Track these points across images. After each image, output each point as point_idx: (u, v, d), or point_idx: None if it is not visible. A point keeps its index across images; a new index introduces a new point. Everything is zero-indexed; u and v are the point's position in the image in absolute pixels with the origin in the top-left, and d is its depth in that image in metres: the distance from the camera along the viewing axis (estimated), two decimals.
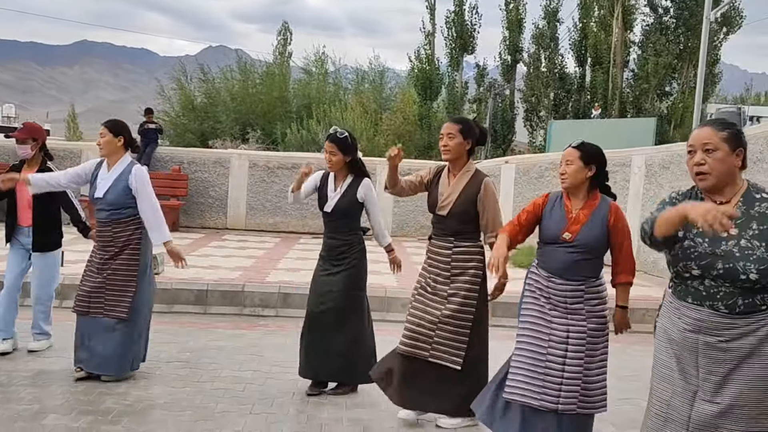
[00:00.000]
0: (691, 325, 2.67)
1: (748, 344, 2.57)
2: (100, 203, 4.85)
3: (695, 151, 2.68)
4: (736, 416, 2.59)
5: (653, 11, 30.68)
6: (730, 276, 2.57)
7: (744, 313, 2.58)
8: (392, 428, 4.19)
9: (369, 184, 4.79)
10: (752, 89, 49.69)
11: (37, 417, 4.04)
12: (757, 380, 2.57)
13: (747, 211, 2.63)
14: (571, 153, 3.67)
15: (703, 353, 2.65)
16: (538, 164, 11.87)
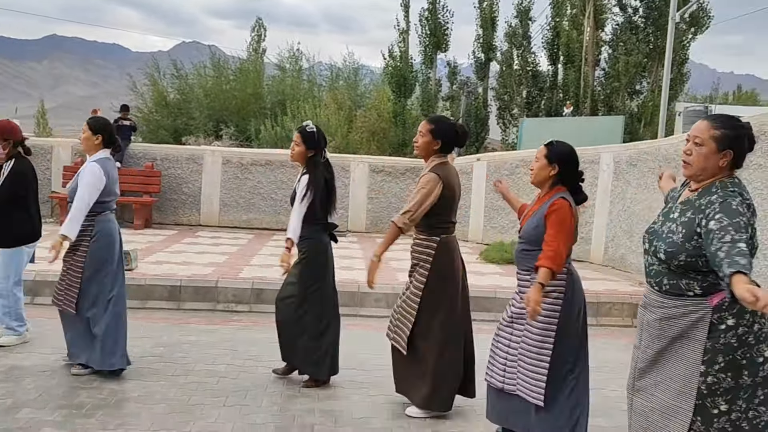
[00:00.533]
0: (642, 301, 3.00)
1: (678, 327, 2.80)
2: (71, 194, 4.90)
3: (689, 140, 2.84)
4: (668, 388, 2.82)
5: (623, 11, 31.03)
6: (655, 253, 2.86)
7: (670, 294, 2.82)
8: (363, 419, 4.28)
9: (303, 180, 4.81)
10: (720, 88, 50.53)
11: (11, 411, 4.07)
12: (684, 361, 2.78)
13: (695, 201, 2.81)
14: (540, 151, 3.85)
15: (645, 329, 2.94)
16: (509, 161, 12.03)
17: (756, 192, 6.14)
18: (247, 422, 4.12)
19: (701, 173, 2.82)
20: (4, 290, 5.45)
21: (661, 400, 2.84)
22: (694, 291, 2.76)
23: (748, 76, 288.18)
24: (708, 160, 2.78)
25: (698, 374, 2.73)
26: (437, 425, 4.23)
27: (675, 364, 2.81)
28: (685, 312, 2.78)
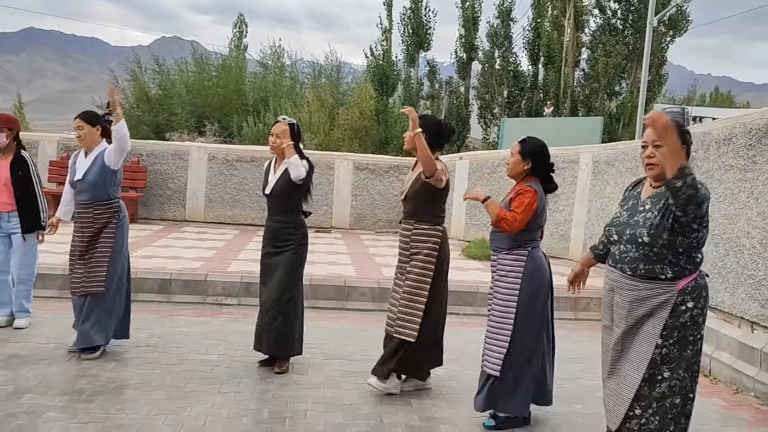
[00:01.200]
0: (609, 285, 3.32)
1: (646, 307, 3.15)
2: (81, 185, 5.12)
3: (648, 146, 3.19)
4: (629, 361, 3.21)
5: (602, 13, 31.50)
6: (633, 241, 3.16)
7: (644, 277, 3.15)
8: (352, 405, 4.48)
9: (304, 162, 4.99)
10: (697, 90, 51.36)
11: (13, 397, 4.22)
12: (647, 337, 3.15)
13: (664, 192, 3.15)
14: (514, 147, 4.26)
15: (615, 310, 3.27)
16: (490, 160, 12.28)
17: (727, 191, 6.40)
18: (242, 408, 4.29)
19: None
20: (28, 274, 5.76)
21: (623, 374, 3.23)
22: (666, 275, 3.11)
23: (726, 78, 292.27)
24: None
25: (654, 347, 3.12)
26: (424, 409, 4.43)
27: (638, 339, 3.17)
28: (655, 294, 3.13)
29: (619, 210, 3.39)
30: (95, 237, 5.13)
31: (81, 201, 5.16)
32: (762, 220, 5.88)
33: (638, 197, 3.31)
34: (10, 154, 5.69)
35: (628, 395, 3.18)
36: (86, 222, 5.14)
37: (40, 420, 3.88)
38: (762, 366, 5.40)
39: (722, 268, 6.34)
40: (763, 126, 5.97)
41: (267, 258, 5.15)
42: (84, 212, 5.15)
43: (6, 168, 5.66)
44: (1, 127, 5.60)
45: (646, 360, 3.13)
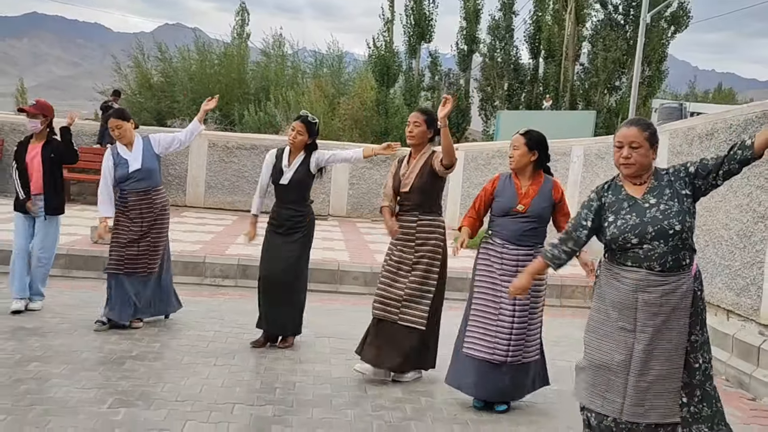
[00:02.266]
0: (631, 285, 3.27)
1: (674, 299, 3.24)
2: (139, 174, 5.56)
3: (623, 147, 3.31)
4: (661, 358, 3.27)
5: (603, 7, 31.65)
6: (662, 235, 3.20)
7: (671, 270, 3.24)
8: (340, 378, 4.75)
9: (316, 152, 5.34)
10: (698, 86, 51.44)
11: (21, 364, 4.49)
12: (677, 329, 3.26)
13: (659, 183, 3.31)
14: (518, 139, 4.38)
15: (641, 309, 3.26)
16: (485, 151, 12.52)
17: None
18: (236, 379, 4.56)
19: (642, 170, 3.32)
20: (49, 257, 6.03)
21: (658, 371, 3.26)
22: (686, 261, 3.26)
23: (729, 74, 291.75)
24: (646, 158, 3.30)
25: (687, 336, 3.26)
26: (406, 384, 4.70)
27: (670, 333, 3.26)
28: (680, 284, 3.24)
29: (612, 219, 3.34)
30: (155, 222, 5.63)
31: (138, 189, 5.58)
32: (739, 212, 6.12)
33: (631, 198, 3.34)
34: (43, 138, 5.98)
35: (674, 388, 3.26)
36: (145, 208, 5.60)
37: (46, 385, 4.16)
38: (733, 351, 5.67)
39: (702, 258, 6.59)
40: (743, 122, 6.20)
41: (274, 238, 5.39)
42: (142, 200, 5.60)
43: (38, 152, 5.93)
44: (37, 113, 5.90)
45: (683, 351, 3.25)
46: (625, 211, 3.31)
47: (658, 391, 3.28)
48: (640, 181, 3.35)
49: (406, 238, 4.76)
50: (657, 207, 3.25)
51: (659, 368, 3.26)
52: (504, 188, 4.41)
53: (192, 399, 4.12)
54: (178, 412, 3.90)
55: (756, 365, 5.32)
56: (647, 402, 3.28)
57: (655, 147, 3.33)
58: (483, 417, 4.24)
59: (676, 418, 3.29)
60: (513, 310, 4.24)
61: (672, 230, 3.19)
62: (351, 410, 4.15)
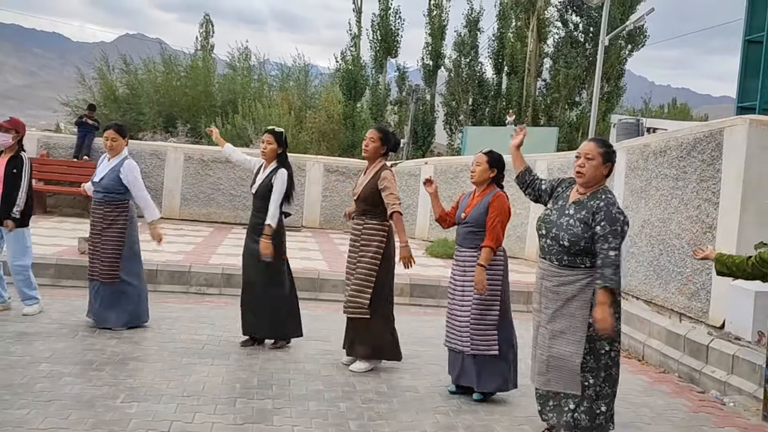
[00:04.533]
0: (539, 273, 4.00)
1: (571, 290, 3.84)
2: (96, 186, 5.91)
3: (580, 157, 3.91)
4: (561, 339, 3.87)
5: (564, 26, 32.63)
6: (556, 240, 3.85)
7: (567, 266, 3.84)
8: (329, 376, 5.15)
9: (282, 173, 5.71)
10: (653, 101, 53.00)
11: (32, 365, 4.80)
12: (573, 317, 3.84)
13: (587, 202, 3.84)
14: (481, 157, 4.99)
15: (544, 294, 3.95)
16: (453, 166, 13.06)
17: (662, 198, 7.21)
18: (234, 377, 4.93)
19: (591, 181, 3.89)
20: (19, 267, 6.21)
21: (558, 350, 3.86)
22: (585, 264, 3.84)
23: (684, 90, 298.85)
24: (597, 171, 3.88)
25: (587, 325, 3.79)
26: (391, 380, 5.13)
27: (569, 319, 3.84)
28: (577, 279, 3.83)
29: (550, 206, 4.05)
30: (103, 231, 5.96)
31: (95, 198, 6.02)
32: (690, 223, 6.69)
33: (566, 199, 3.97)
34: (11, 153, 6.25)
35: (575, 366, 3.80)
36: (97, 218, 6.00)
37: (60, 383, 4.48)
38: (685, 350, 6.21)
39: (657, 266, 7.15)
40: (692, 141, 6.79)
41: (248, 244, 5.83)
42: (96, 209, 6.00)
43: (2, 165, 6.18)
44: (10, 128, 6.18)
45: (583, 336, 3.78)
46: (557, 206, 3.97)
47: (558, 365, 3.87)
48: (582, 190, 3.92)
49: (354, 240, 5.39)
50: (569, 219, 3.85)
51: (558, 347, 3.85)
52: (463, 200, 5.06)
53: (197, 394, 4.48)
54: (186, 405, 4.26)
55: (705, 362, 5.87)
56: (550, 373, 3.92)
57: (609, 165, 3.89)
58: (462, 407, 4.68)
59: (577, 391, 3.85)
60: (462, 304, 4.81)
61: (562, 242, 3.82)
62: (343, 403, 4.56)
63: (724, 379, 5.51)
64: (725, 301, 6.03)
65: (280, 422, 4.11)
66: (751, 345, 5.57)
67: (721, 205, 6.30)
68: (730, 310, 5.96)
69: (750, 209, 6.04)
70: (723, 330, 6.02)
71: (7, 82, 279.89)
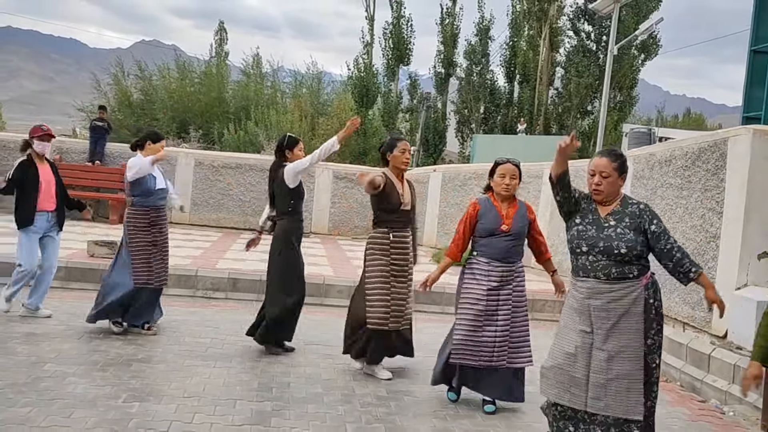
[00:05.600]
0: (584, 293, 3.81)
1: (622, 306, 3.73)
2: (163, 192, 6.14)
3: (595, 175, 3.86)
4: (620, 358, 3.74)
5: (576, 34, 32.63)
6: (607, 251, 3.73)
7: (617, 279, 3.73)
8: (329, 380, 5.20)
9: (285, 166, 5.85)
10: (668, 110, 52.76)
11: (37, 365, 4.88)
12: (631, 332, 3.74)
13: (623, 210, 3.86)
14: (514, 170, 4.94)
15: (594, 314, 3.78)
16: (462, 173, 13.09)
17: (667, 207, 7.22)
18: (235, 379, 4.99)
19: (610, 196, 3.87)
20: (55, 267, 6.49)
21: (618, 371, 3.73)
22: (633, 274, 3.75)
23: (700, 100, 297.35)
24: (614, 186, 3.86)
25: (643, 339, 3.74)
26: (390, 384, 5.17)
27: (624, 335, 3.73)
28: (627, 293, 3.73)
29: (579, 221, 3.87)
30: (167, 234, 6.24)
31: (160, 205, 6.17)
32: (694, 232, 6.70)
33: (597, 213, 3.86)
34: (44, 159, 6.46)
35: (638, 386, 3.72)
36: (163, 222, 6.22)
37: (64, 383, 4.56)
38: (687, 359, 6.21)
39: (661, 275, 7.11)
40: (697, 150, 6.80)
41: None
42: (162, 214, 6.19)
43: (50, 172, 6.38)
44: (52, 137, 6.51)
45: (641, 352, 3.72)
46: (588, 221, 3.85)
47: (619, 389, 3.72)
48: (608, 205, 3.88)
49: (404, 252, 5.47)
50: (614, 229, 3.77)
51: (618, 368, 3.72)
52: (486, 212, 4.90)
53: (197, 395, 4.54)
54: (186, 406, 4.32)
55: (707, 371, 5.86)
56: (608, 397, 3.73)
57: (624, 175, 3.90)
58: (460, 412, 4.72)
59: (639, 416, 3.74)
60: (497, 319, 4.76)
61: (617, 251, 3.72)
62: (342, 406, 4.60)
63: (725, 389, 5.51)
64: (728, 311, 6.01)
65: (278, 424, 4.16)
66: None
67: (725, 215, 6.30)
68: (733, 320, 5.95)
69: (754, 219, 6.04)
70: (726, 340, 6.02)
71: (25, 87, 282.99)
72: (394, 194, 5.31)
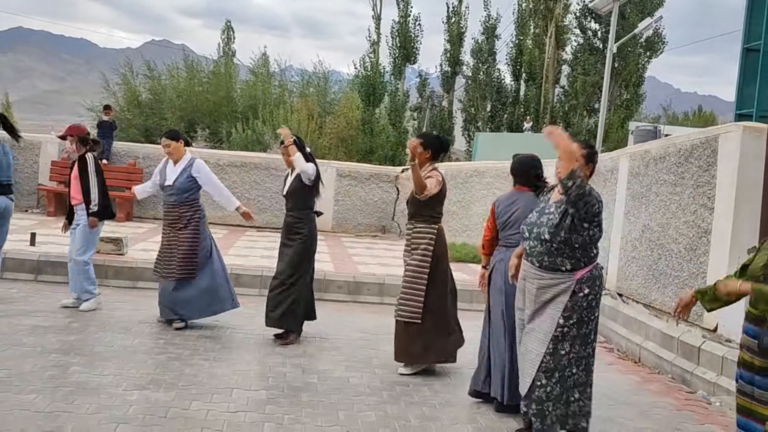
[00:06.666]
0: (522, 274, 4.10)
1: (550, 293, 3.92)
2: (170, 190, 6.27)
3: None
4: (530, 337, 3.99)
5: (582, 32, 32.71)
6: (538, 237, 3.91)
7: (547, 269, 3.91)
8: (326, 370, 5.36)
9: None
10: (678, 108, 52.57)
11: (42, 355, 5.07)
12: (547, 316, 3.93)
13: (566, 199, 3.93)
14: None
15: (526, 295, 4.04)
16: (463, 171, 13.22)
17: (661, 203, 7.33)
18: (233, 370, 5.16)
19: None
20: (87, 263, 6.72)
21: (528, 347, 3.99)
22: (565, 267, 3.90)
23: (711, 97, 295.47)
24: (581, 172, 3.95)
25: (556, 326, 3.89)
26: (384, 375, 5.32)
27: (543, 319, 3.94)
28: (557, 283, 3.90)
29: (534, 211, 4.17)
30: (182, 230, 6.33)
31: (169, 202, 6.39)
32: (687, 228, 6.81)
33: (548, 201, 4.09)
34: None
35: (532, 367, 3.92)
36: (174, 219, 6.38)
37: (68, 372, 4.74)
38: (678, 351, 6.33)
39: (655, 270, 7.27)
40: (690, 147, 6.91)
41: (281, 248, 6.21)
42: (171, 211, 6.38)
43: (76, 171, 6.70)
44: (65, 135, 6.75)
45: (549, 336, 3.88)
46: (538, 209, 4.07)
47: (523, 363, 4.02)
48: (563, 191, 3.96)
49: (406, 244, 5.57)
50: (549, 215, 3.93)
51: (527, 344, 3.98)
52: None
53: (195, 384, 4.71)
54: (184, 394, 4.49)
55: (696, 364, 5.98)
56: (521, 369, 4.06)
57: (590, 166, 4.04)
58: (450, 401, 4.86)
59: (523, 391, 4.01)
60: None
61: (543, 237, 3.88)
62: (335, 395, 4.76)
63: (714, 380, 5.62)
64: None
65: (272, 411, 4.33)
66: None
67: (715, 211, 6.41)
68: (723, 313, 6.04)
69: (743, 214, 6.14)
70: (716, 333, 6.13)
71: (36, 87, 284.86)
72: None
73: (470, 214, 12.61)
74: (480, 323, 4.98)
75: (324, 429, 4.11)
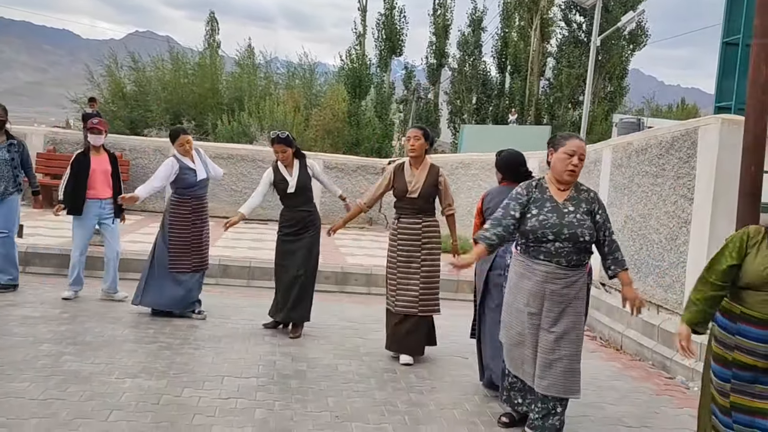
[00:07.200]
0: (541, 276, 3.90)
1: (574, 291, 3.91)
2: (203, 183, 6.59)
3: (574, 156, 3.91)
4: (565, 340, 3.91)
5: (567, 25, 32.88)
6: (572, 239, 3.86)
7: (574, 266, 3.90)
8: (315, 358, 5.46)
9: (312, 161, 6.34)
10: (661, 100, 52.95)
11: (34, 345, 5.13)
12: (576, 316, 3.93)
13: (578, 195, 4.01)
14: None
15: (548, 297, 3.90)
16: (449, 162, 13.33)
17: (643, 194, 7.47)
18: (222, 359, 5.24)
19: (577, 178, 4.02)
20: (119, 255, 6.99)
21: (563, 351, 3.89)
22: (584, 261, 3.97)
23: (694, 90, 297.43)
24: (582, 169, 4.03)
25: (583, 323, 4.00)
26: (371, 362, 5.43)
27: (571, 318, 3.91)
28: (578, 278, 3.93)
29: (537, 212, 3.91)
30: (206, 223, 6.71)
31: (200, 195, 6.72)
32: (667, 218, 6.96)
33: (553, 200, 3.95)
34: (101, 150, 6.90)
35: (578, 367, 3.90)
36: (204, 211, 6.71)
37: (60, 361, 4.80)
38: (659, 339, 6.48)
39: (637, 260, 7.42)
40: (670, 139, 7.05)
41: (289, 243, 6.21)
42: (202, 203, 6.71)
43: (106, 161, 6.84)
44: (102, 130, 6.85)
45: (582, 335, 3.95)
46: (547, 209, 3.91)
47: (563, 369, 3.87)
48: (563, 187, 3.98)
49: (413, 238, 5.56)
50: (574, 215, 3.90)
51: (564, 349, 3.88)
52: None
53: (187, 372, 4.80)
54: (176, 381, 4.58)
55: (676, 351, 6.13)
56: (552, 377, 3.90)
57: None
58: (436, 387, 4.97)
59: (578, 395, 3.94)
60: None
61: (582, 239, 3.86)
62: (324, 382, 4.86)
63: (692, 366, 5.78)
64: None
65: (262, 398, 4.42)
66: None
67: (695, 201, 6.56)
68: None
69: (721, 205, 6.28)
70: None
71: (18, 78, 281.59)
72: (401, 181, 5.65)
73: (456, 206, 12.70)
74: (463, 312, 5.10)
75: (313, 414, 4.21)
